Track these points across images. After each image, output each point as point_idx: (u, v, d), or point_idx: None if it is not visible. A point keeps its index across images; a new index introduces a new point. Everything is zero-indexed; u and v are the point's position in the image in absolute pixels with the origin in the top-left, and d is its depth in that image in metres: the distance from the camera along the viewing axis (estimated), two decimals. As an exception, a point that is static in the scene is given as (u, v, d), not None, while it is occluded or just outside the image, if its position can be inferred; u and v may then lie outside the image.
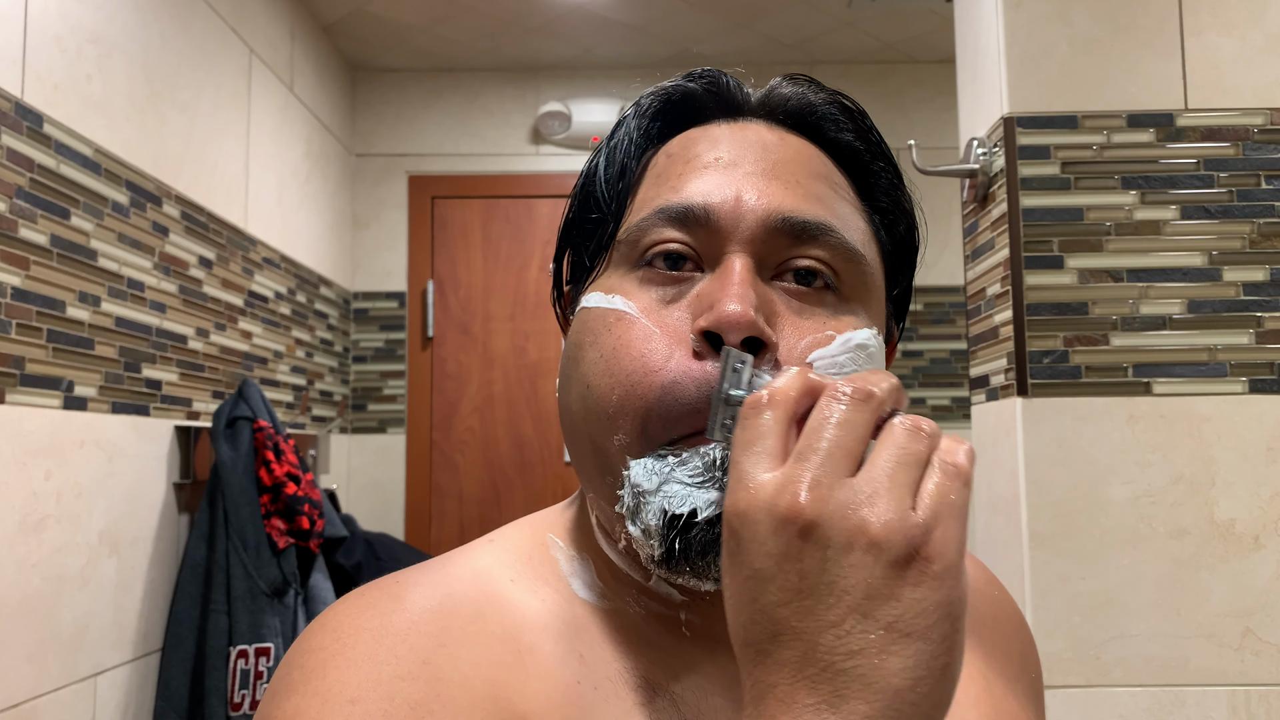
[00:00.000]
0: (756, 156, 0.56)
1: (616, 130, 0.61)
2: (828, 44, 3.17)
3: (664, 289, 0.54)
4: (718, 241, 0.54)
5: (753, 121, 0.59)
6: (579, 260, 0.60)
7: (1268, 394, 1.40)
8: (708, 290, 0.52)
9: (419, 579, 0.56)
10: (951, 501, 0.40)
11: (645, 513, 0.50)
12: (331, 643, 0.50)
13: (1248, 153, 1.43)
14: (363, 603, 0.53)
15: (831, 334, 0.53)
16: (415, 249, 3.31)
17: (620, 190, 0.58)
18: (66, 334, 1.61)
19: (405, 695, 0.48)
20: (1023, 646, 0.66)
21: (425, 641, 0.51)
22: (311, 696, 0.48)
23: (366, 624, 0.51)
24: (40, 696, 1.54)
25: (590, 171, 0.61)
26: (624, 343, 0.52)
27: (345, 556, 2.31)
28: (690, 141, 0.58)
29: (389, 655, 0.50)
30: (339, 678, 0.48)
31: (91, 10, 1.72)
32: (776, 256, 0.54)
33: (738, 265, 0.52)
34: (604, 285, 0.56)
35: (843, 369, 0.52)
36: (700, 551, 0.49)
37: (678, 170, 0.57)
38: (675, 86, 0.60)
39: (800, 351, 0.52)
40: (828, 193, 0.57)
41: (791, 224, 0.54)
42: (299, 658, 0.51)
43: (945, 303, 3.24)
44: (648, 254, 0.55)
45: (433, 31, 3.05)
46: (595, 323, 0.55)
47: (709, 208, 0.54)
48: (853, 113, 0.60)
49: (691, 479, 0.49)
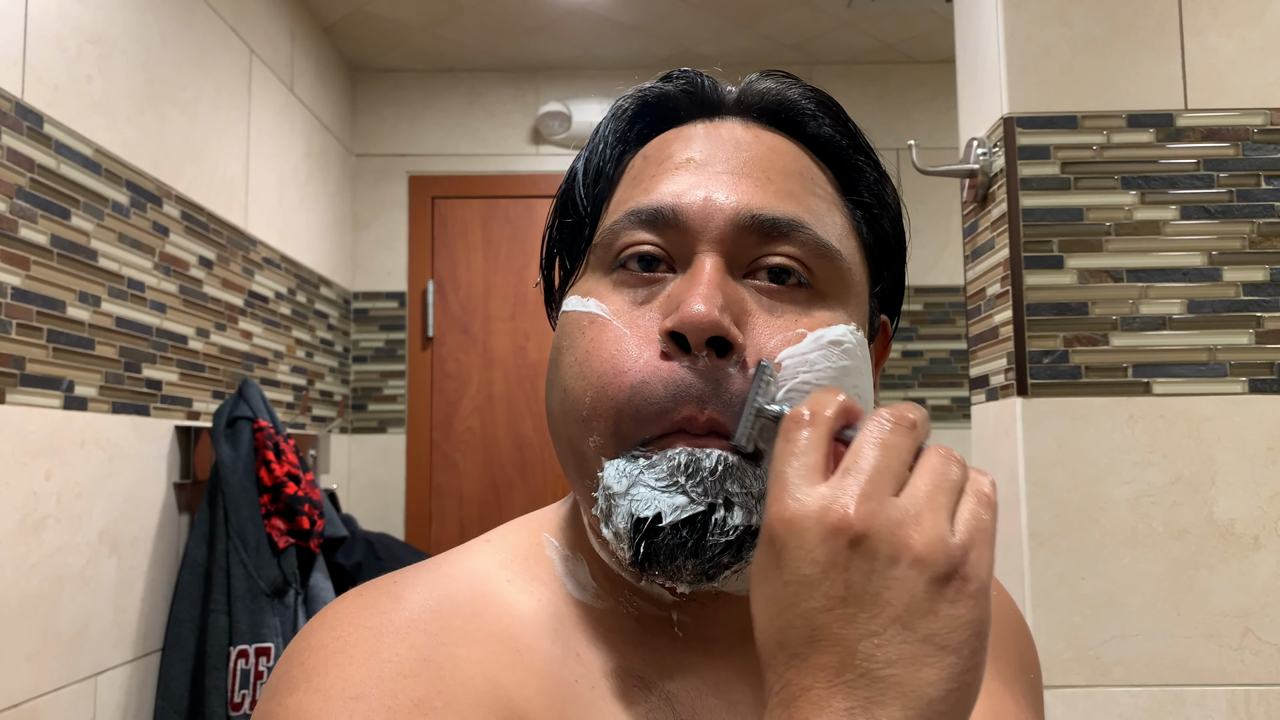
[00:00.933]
0: (728, 155, 0.56)
1: (594, 134, 0.61)
2: (828, 44, 3.17)
3: (636, 290, 0.54)
4: (688, 242, 0.54)
5: (729, 120, 0.59)
6: (564, 264, 0.61)
7: (1268, 394, 1.40)
8: (677, 291, 0.52)
9: (416, 579, 0.56)
10: (985, 525, 0.42)
11: (615, 515, 0.50)
12: (331, 640, 0.51)
13: (1248, 153, 1.43)
14: (361, 601, 0.53)
15: (803, 331, 0.53)
16: (415, 249, 3.31)
17: (596, 194, 0.59)
18: (67, 334, 1.61)
19: (408, 692, 0.48)
20: (1020, 646, 0.66)
21: (425, 640, 0.51)
22: (314, 693, 0.48)
23: (366, 622, 0.52)
24: (40, 696, 1.54)
25: (570, 176, 0.61)
26: (596, 345, 0.53)
27: (345, 556, 2.31)
28: (665, 143, 0.58)
29: (390, 653, 0.50)
30: (341, 675, 0.49)
31: (91, 10, 1.72)
32: (747, 255, 0.54)
33: (707, 265, 0.52)
34: (581, 289, 0.57)
35: (814, 366, 0.52)
36: (669, 555, 0.49)
37: (651, 172, 0.57)
38: (651, 88, 0.60)
39: (769, 350, 0.52)
40: (800, 189, 0.56)
41: (760, 221, 0.54)
42: (299, 655, 0.51)
43: (945, 303, 3.24)
44: (621, 256, 0.55)
45: (433, 31, 3.05)
46: (571, 326, 0.55)
47: (678, 209, 0.54)
48: (830, 107, 0.60)
49: (658, 483, 0.50)
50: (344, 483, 3.14)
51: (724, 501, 0.49)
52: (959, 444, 3.43)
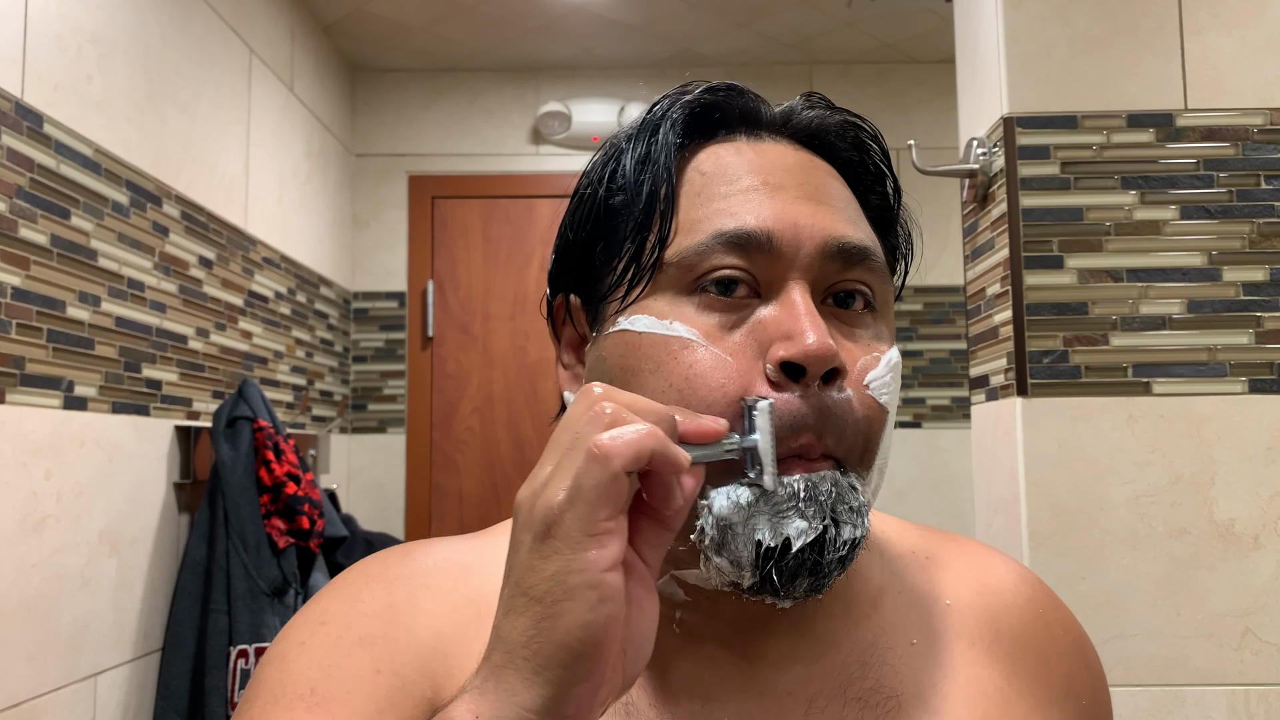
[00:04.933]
0: (798, 179, 0.57)
1: (640, 142, 0.59)
2: (828, 44, 3.17)
3: (723, 315, 0.54)
4: (779, 268, 0.54)
5: (777, 140, 0.60)
6: (598, 275, 0.59)
7: (1268, 394, 1.40)
8: (775, 319, 0.54)
9: (436, 542, 0.64)
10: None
11: (734, 544, 0.51)
12: (339, 581, 0.61)
13: (1247, 153, 1.43)
14: (378, 556, 0.63)
15: (878, 355, 0.56)
16: (415, 249, 3.31)
17: (650, 208, 0.57)
18: (66, 334, 1.61)
19: (361, 628, 0.57)
20: (1071, 668, 0.64)
21: (403, 590, 0.60)
22: (298, 616, 0.59)
23: (367, 569, 0.62)
24: (40, 696, 1.54)
25: (608, 181, 0.59)
26: (696, 372, 0.53)
27: (345, 556, 2.31)
28: (722, 160, 0.58)
29: (369, 595, 0.59)
30: (323, 606, 0.59)
31: (91, 10, 1.72)
32: (826, 280, 0.56)
33: (803, 295, 0.54)
34: (652, 309, 0.55)
35: (887, 387, 0.56)
36: (790, 576, 0.52)
37: (722, 191, 0.56)
38: (698, 97, 0.60)
39: (855, 378, 0.55)
40: (857, 214, 0.59)
41: (844, 249, 0.55)
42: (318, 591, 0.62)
43: (945, 303, 3.24)
44: (702, 279, 0.55)
45: (433, 31, 3.05)
46: (653, 349, 0.54)
47: (771, 234, 0.54)
48: (872, 137, 0.62)
49: (776, 512, 0.51)
50: (344, 483, 3.14)
51: (834, 520, 0.52)
52: (959, 444, 3.41)
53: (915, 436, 3.20)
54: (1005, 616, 0.63)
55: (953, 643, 0.61)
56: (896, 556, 0.65)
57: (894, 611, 0.62)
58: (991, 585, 0.65)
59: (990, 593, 0.64)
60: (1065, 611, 0.68)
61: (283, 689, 0.54)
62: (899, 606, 0.62)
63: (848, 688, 0.57)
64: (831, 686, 0.57)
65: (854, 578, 0.61)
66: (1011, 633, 0.63)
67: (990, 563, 0.67)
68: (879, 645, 0.60)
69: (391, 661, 0.56)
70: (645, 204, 0.57)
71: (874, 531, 0.66)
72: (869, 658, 0.59)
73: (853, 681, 0.58)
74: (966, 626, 0.62)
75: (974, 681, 0.59)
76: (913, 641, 0.60)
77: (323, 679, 0.54)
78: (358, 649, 0.56)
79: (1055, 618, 0.66)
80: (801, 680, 0.57)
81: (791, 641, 0.58)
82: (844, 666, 0.58)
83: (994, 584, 0.65)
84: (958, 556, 0.67)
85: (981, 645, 0.61)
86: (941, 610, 0.63)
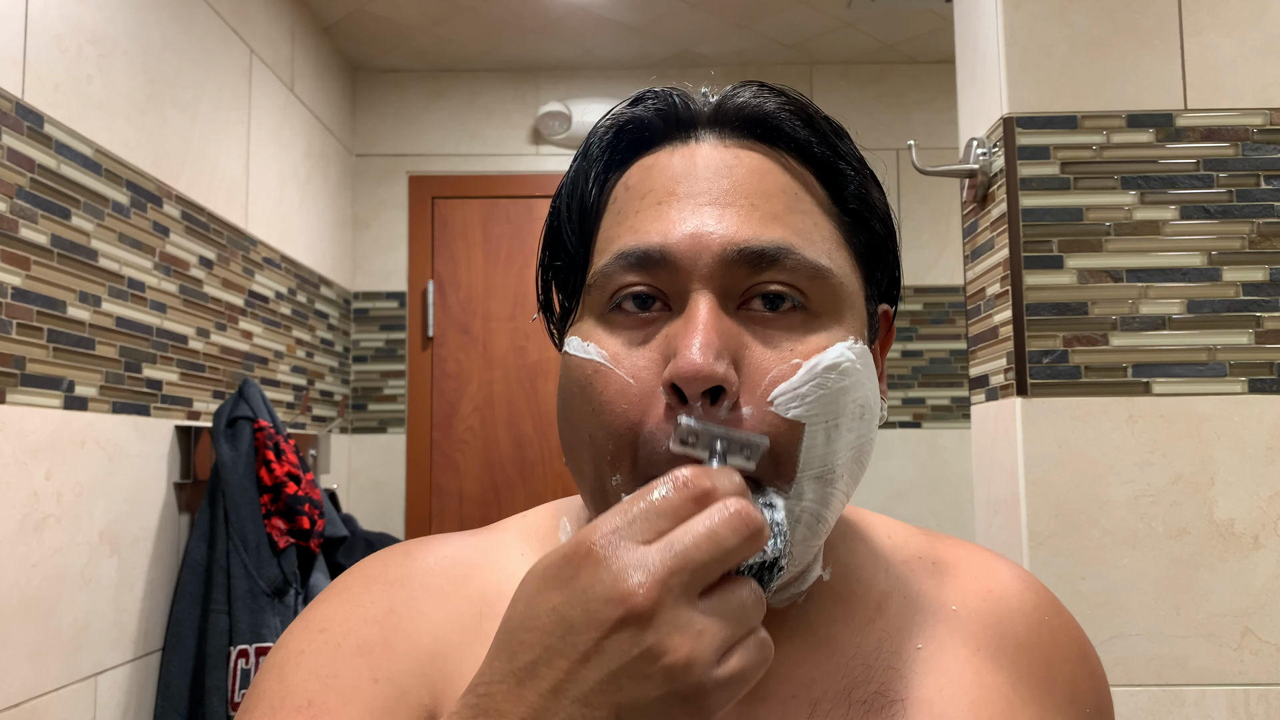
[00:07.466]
0: (709, 184, 0.56)
1: (572, 167, 0.61)
2: (828, 44, 3.17)
3: (633, 332, 0.55)
4: (680, 280, 0.54)
5: (706, 140, 0.58)
6: (560, 300, 0.62)
7: (1267, 394, 1.40)
8: (674, 333, 0.53)
9: (438, 540, 0.63)
10: (750, 676, 0.43)
11: None
12: (340, 584, 0.61)
13: (1247, 153, 1.43)
14: (379, 556, 0.62)
15: (798, 362, 0.53)
16: (415, 249, 3.31)
17: (584, 231, 0.59)
18: (67, 334, 1.61)
19: (360, 634, 0.57)
20: (1075, 675, 0.64)
21: (404, 593, 0.59)
22: (298, 621, 0.59)
23: (369, 571, 0.61)
24: (40, 696, 1.54)
25: (554, 213, 0.61)
26: (604, 400, 0.54)
27: (345, 556, 2.31)
28: (645, 172, 0.58)
29: (367, 599, 0.59)
30: (322, 611, 0.59)
31: (92, 10, 1.72)
32: (739, 286, 0.54)
33: (702, 306, 0.53)
34: (581, 330, 0.57)
35: (805, 399, 0.52)
36: None
37: (634, 206, 0.56)
38: (623, 113, 0.60)
39: (760, 393, 0.52)
40: (785, 209, 0.56)
41: (749, 253, 0.53)
42: (319, 594, 0.62)
43: (945, 303, 3.24)
44: (614, 298, 0.55)
45: (433, 31, 3.05)
46: (579, 372, 0.56)
47: (665, 249, 0.54)
48: (805, 115, 0.59)
49: None
50: (344, 483, 3.15)
51: None
52: (959, 444, 3.41)
53: (915, 436, 3.20)
54: (1011, 623, 0.63)
55: (958, 648, 0.61)
56: (901, 562, 0.65)
57: (899, 616, 0.62)
58: (997, 591, 0.65)
59: (996, 599, 0.64)
60: (1069, 618, 0.68)
61: (280, 701, 0.55)
62: (904, 611, 0.62)
63: (852, 691, 0.57)
64: (836, 690, 0.57)
65: (854, 582, 0.62)
66: (1017, 639, 0.63)
67: (996, 569, 0.67)
68: (884, 650, 0.60)
69: (390, 669, 0.56)
70: (573, 226, 0.59)
71: (878, 536, 0.66)
72: (873, 662, 0.59)
73: (857, 685, 0.58)
74: (972, 632, 0.62)
75: (979, 687, 0.59)
76: (918, 646, 0.60)
77: (320, 690, 0.54)
78: (356, 657, 0.56)
79: (1060, 624, 0.66)
80: (805, 684, 0.57)
81: (795, 645, 0.58)
82: (848, 670, 0.58)
83: (999, 590, 0.65)
84: (963, 562, 0.66)
85: (987, 651, 0.61)
86: (947, 616, 0.62)
